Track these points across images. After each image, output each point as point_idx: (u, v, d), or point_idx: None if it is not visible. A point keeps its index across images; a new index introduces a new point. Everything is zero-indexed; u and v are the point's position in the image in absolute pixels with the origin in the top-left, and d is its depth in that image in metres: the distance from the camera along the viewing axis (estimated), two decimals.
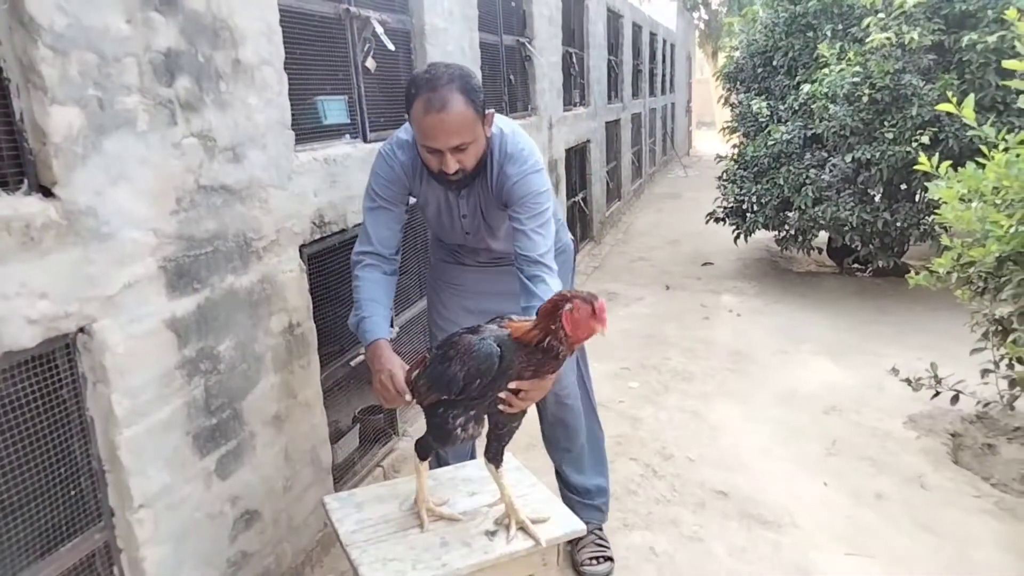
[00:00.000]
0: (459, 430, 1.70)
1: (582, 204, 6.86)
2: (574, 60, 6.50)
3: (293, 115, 2.36)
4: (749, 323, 5.25)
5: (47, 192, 1.53)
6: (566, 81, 6.16)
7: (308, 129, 2.56)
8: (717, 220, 6.70)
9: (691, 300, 5.85)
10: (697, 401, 3.92)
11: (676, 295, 5.98)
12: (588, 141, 6.97)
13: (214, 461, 1.99)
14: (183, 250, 1.87)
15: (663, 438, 3.49)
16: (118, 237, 1.68)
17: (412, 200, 2.16)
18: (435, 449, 1.80)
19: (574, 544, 2.56)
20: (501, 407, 1.69)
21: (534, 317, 1.64)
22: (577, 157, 6.61)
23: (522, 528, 1.80)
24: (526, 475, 2.03)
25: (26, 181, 1.52)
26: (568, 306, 1.55)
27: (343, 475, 2.73)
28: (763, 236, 6.76)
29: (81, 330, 1.61)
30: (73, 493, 1.65)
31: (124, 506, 1.72)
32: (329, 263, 2.55)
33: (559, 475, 2.63)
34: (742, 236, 6.36)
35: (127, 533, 1.74)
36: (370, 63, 2.85)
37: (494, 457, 1.81)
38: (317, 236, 2.45)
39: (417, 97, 1.83)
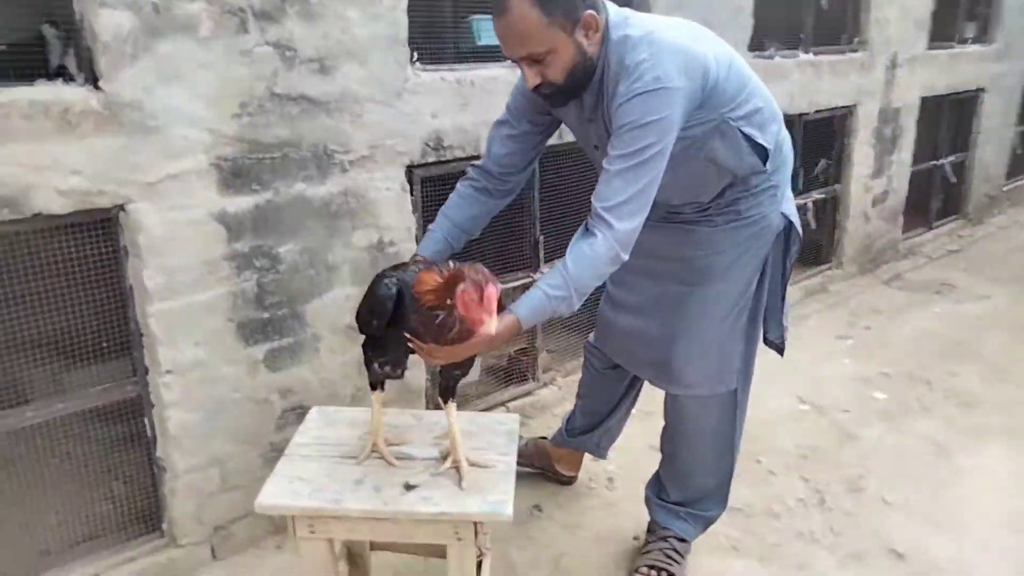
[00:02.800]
0: (376, 365, 1.67)
1: (948, 171, 5.49)
2: None
3: (434, 33, 2.32)
4: None
5: (97, 85, 1.78)
6: (946, 8, 4.91)
7: (462, 49, 2.51)
8: None
9: None
10: (959, 435, 2.98)
11: None
12: (980, 89, 5.51)
13: (263, 352, 2.15)
14: (243, 152, 2.01)
15: (870, 465, 2.75)
16: (166, 132, 1.87)
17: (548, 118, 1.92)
18: (375, 380, 1.71)
19: (641, 545, 2.22)
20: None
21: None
22: (950, 109, 5.28)
23: (455, 467, 1.66)
24: (511, 441, 1.80)
25: (83, 74, 1.78)
26: (462, 286, 1.37)
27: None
28: None
29: (122, 208, 1.86)
30: (107, 346, 1.95)
31: (154, 369, 1.98)
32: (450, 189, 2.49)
33: (656, 474, 2.27)
34: None
35: (157, 393, 2.00)
36: None
37: (443, 392, 1.73)
38: (431, 159, 2.41)
39: None
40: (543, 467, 2.52)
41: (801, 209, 3.56)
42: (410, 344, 1.56)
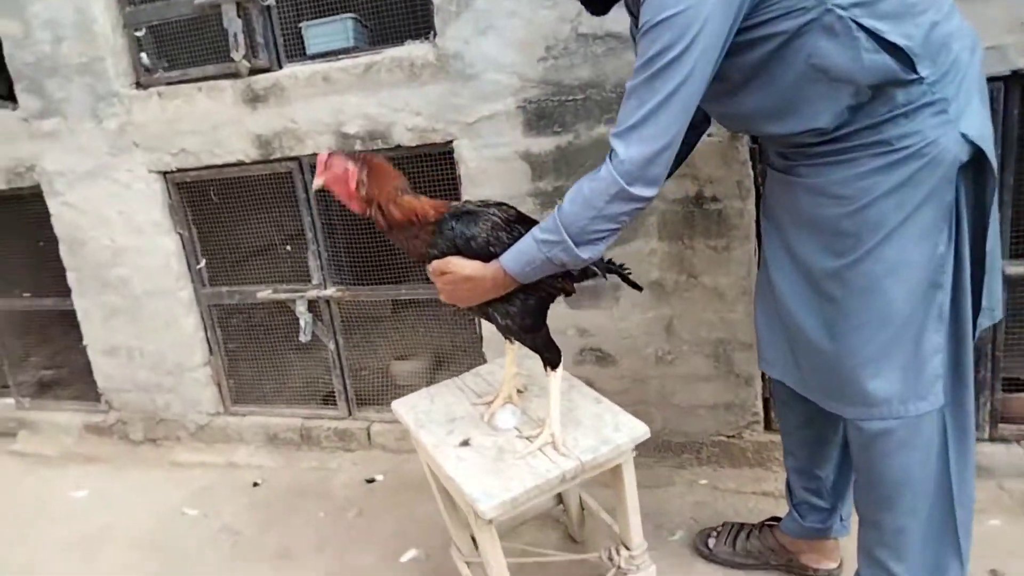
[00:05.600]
0: None
1: None
2: None
3: None
4: None
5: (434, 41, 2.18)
6: None
7: None
8: None
9: None
10: None
11: None
12: None
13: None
14: (548, 94, 2.09)
15: None
16: (480, 78, 2.15)
17: None
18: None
19: None
20: None
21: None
22: None
23: (528, 438, 1.60)
24: (590, 450, 1.51)
25: (432, 33, 2.21)
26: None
27: None
28: None
29: (450, 143, 2.25)
30: None
31: None
32: None
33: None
34: None
35: None
36: None
37: (544, 364, 1.61)
38: None
39: None
40: (785, 563, 1.81)
41: None
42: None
